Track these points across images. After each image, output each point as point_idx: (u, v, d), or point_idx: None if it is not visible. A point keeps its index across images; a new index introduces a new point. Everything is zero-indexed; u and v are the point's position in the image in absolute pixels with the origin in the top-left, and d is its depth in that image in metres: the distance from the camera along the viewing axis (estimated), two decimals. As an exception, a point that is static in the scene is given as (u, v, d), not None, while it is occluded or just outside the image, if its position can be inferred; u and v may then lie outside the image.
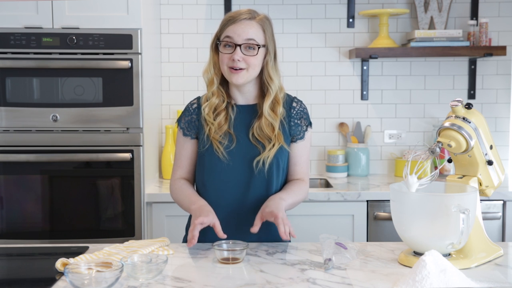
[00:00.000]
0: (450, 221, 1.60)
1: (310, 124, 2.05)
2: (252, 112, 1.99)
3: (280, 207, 1.85)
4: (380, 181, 3.20)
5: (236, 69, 1.89)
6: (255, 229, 1.83)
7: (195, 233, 1.78)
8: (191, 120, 2.02)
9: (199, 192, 2.03)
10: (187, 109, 2.05)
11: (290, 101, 2.03)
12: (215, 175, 1.96)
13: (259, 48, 1.90)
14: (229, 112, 1.98)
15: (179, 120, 2.05)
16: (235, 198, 1.96)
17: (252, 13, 1.93)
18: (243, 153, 1.95)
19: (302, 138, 2.02)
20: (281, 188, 2.01)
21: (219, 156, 1.94)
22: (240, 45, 1.88)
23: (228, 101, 1.99)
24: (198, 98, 2.06)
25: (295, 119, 2.01)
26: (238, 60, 1.88)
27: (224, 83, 2.00)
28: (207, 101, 1.98)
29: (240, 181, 1.95)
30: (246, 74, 1.91)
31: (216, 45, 1.95)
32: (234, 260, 1.72)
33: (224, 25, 1.92)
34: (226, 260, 1.72)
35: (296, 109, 2.02)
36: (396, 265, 1.71)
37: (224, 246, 1.75)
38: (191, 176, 2.07)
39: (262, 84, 1.98)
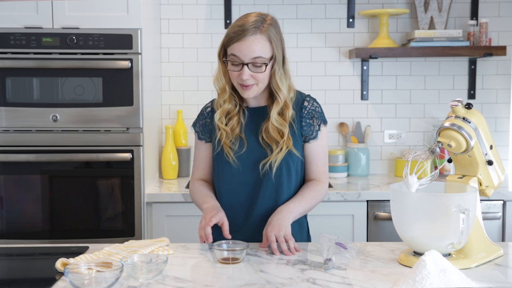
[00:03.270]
0: (450, 221, 1.60)
1: (324, 122, 2.01)
2: (262, 114, 1.98)
3: (285, 223, 1.84)
4: (380, 181, 3.20)
5: (246, 85, 1.89)
6: (263, 245, 1.85)
7: (207, 231, 1.81)
8: (205, 124, 2.04)
9: (216, 195, 2.04)
10: (201, 113, 2.07)
11: (301, 100, 2.00)
12: (226, 179, 1.97)
13: (266, 65, 1.87)
14: (241, 117, 1.97)
15: (194, 124, 2.08)
16: (246, 201, 1.97)
17: (258, 24, 1.86)
18: (252, 156, 1.95)
19: (315, 137, 1.99)
20: (297, 190, 2.00)
21: (229, 161, 1.94)
22: (247, 64, 1.86)
23: (240, 104, 1.98)
24: (212, 101, 2.06)
25: (307, 118, 1.98)
26: (247, 79, 1.87)
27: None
28: (219, 107, 1.97)
29: (249, 184, 1.96)
30: (256, 88, 1.91)
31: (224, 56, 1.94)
32: (234, 260, 1.72)
33: (230, 41, 1.87)
34: (226, 260, 1.72)
35: (307, 109, 1.99)
36: (396, 265, 1.71)
37: (224, 246, 1.75)
38: (209, 178, 2.08)
39: (271, 88, 1.95)
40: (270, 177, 1.93)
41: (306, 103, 2.00)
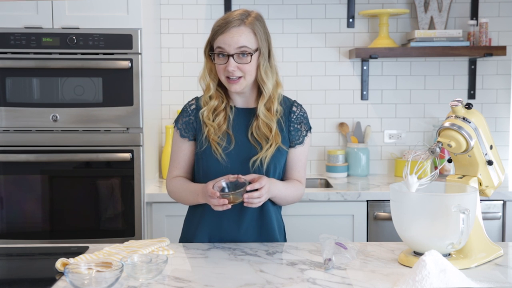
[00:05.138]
0: (450, 221, 1.61)
1: (310, 129, 2.03)
2: (251, 114, 1.97)
3: (272, 189, 1.86)
4: (380, 181, 3.20)
5: (233, 78, 1.88)
6: (253, 179, 1.85)
7: (214, 192, 1.78)
8: (188, 121, 1.99)
9: None
10: (184, 110, 2.02)
11: (290, 105, 2.01)
12: (212, 177, 1.92)
13: (252, 55, 1.87)
14: (228, 112, 1.96)
15: (176, 121, 2.03)
16: None
17: (242, 17, 1.88)
18: (241, 154, 1.93)
19: (301, 143, 2.00)
20: None
21: (217, 158, 1.92)
22: (232, 55, 1.86)
23: (227, 102, 1.97)
24: (197, 99, 2.03)
25: (295, 124, 1.99)
26: (233, 70, 1.86)
27: (223, 85, 1.96)
28: (205, 104, 1.96)
29: None
30: (244, 82, 1.90)
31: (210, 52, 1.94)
32: (235, 200, 1.78)
33: (215, 34, 1.90)
34: (227, 198, 1.78)
35: (296, 114, 1.99)
36: (396, 265, 1.71)
37: (223, 184, 1.83)
38: (188, 177, 2.04)
39: (258, 83, 1.95)
40: (261, 173, 1.91)
41: (294, 108, 2.00)
